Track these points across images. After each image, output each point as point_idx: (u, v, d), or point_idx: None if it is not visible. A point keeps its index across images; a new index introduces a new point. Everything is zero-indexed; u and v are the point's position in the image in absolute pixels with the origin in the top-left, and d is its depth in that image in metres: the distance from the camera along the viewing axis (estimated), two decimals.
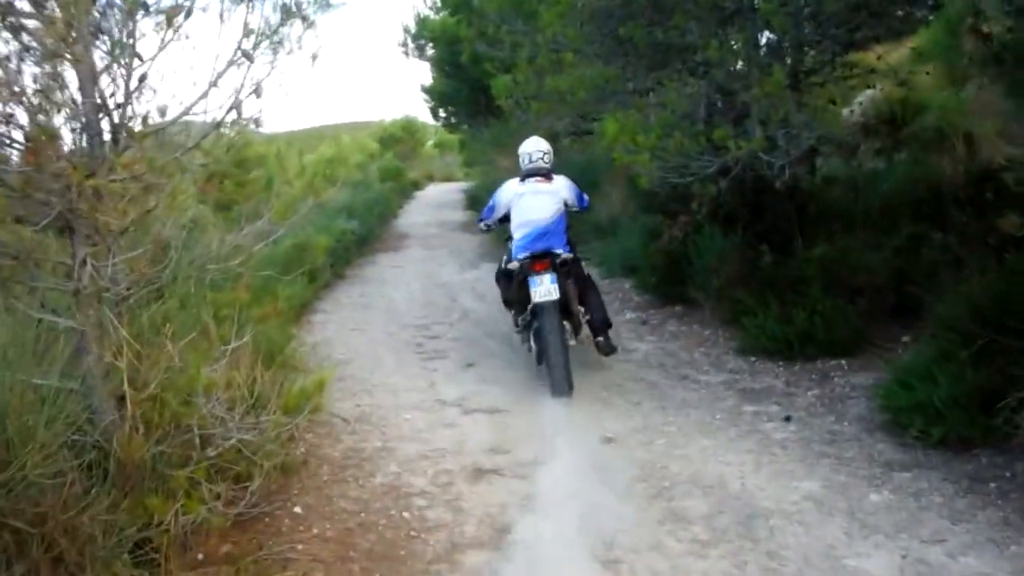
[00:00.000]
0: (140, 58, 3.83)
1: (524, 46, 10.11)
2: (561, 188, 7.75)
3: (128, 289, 3.91)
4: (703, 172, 7.50)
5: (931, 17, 8.51)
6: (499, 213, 8.02)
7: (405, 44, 26.41)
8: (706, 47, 7.57)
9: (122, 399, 3.85)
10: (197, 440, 4.07)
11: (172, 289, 4.70)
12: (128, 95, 3.80)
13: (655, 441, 5.87)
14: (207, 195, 5.09)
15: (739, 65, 7.81)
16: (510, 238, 7.84)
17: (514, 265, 7.38)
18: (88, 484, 3.68)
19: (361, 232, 16.59)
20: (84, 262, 3.74)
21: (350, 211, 17.60)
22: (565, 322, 7.24)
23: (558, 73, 9.25)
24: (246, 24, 4.08)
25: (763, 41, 8.08)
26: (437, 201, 25.91)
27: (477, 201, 18.86)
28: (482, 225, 8.43)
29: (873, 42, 8.69)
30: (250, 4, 4.10)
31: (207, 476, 4.06)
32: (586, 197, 8.18)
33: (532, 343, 7.40)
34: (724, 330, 8.36)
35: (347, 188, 23.40)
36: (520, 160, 8.08)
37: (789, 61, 7.90)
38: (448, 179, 36.80)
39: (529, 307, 7.22)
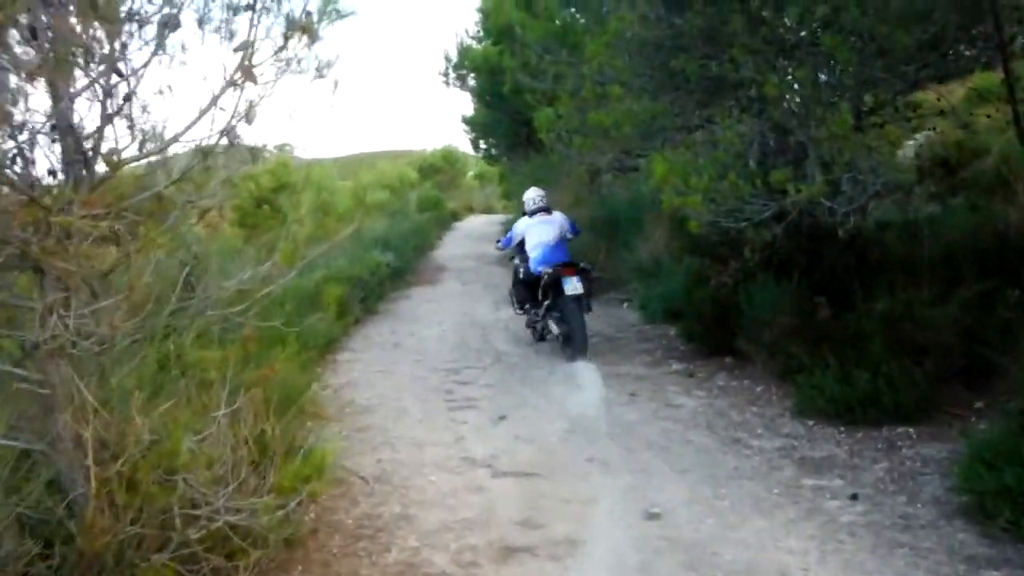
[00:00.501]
0: (119, 73, 3.32)
1: (568, 78, 9.61)
2: (559, 219, 10.50)
3: (100, 345, 3.37)
4: (758, 217, 6.97)
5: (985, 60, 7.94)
6: (516, 240, 10.72)
7: (446, 73, 26.00)
8: (764, 83, 7.05)
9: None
10: (177, 521, 3.52)
11: (153, 345, 4.14)
12: (104, 117, 3.30)
13: (705, 519, 5.24)
14: (213, 231, 4.56)
15: (796, 103, 7.22)
16: (514, 257, 11.08)
17: (546, 273, 9.66)
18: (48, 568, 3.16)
19: (396, 264, 16.20)
20: (50, 310, 3.22)
21: (386, 242, 17.26)
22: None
23: (603, 107, 8.76)
24: (248, 38, 3.57)
25: (823, 78, 7.52)
26: (475, 233, 25.49)
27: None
28: (499, 246, 11.98)
29: (934, 82, 8.11)
30: (255, 16, 3.59)
31: (190, 558, 3.52)
32: (577, 227, 10.91)
33: (554, 326, 9.79)
34: (778, 387, 7.74)
35: (383, 218, 23.14)
36: (525, 204, 10.82)
37: (848, 100, 7.34)
38: (487, 211, 36.58)
39: (547, 302, 9.86)
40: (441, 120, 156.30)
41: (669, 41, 7.46)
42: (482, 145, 28.66)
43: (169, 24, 3.35)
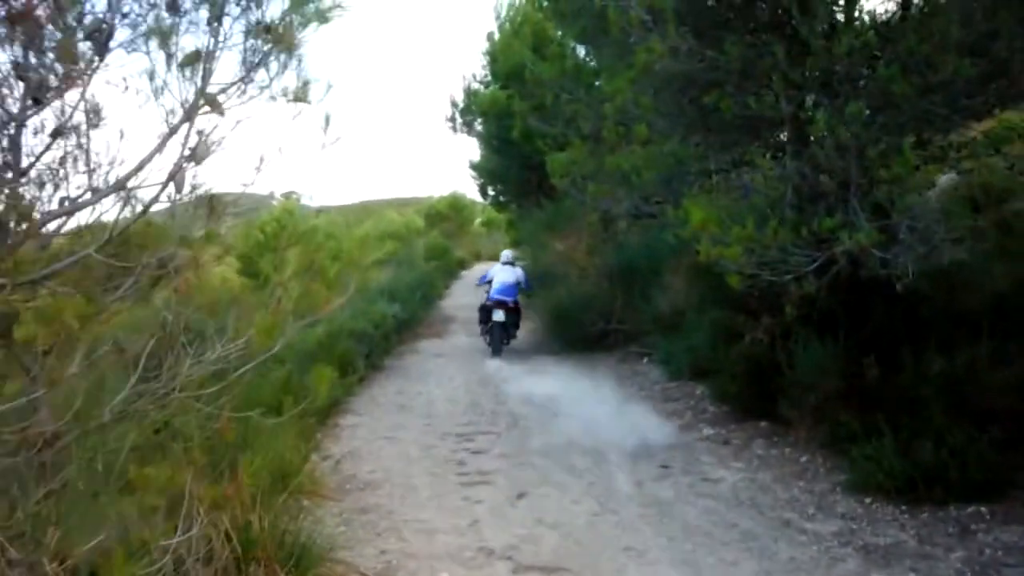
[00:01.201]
0: (38, 99, 2.59)
1: (585, 119, 8.93)
2: (518, 271, 14.80)
3: (11, 455, 2.60)
4: (803, 268, 6.26)
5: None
6: (488, 278, 14.90)
7: (453, 119, 25.34)
8: (811, 120, 6.36)
9: None
10: None
11: (86, 451, 3.35)
12: (17, 160, 2.57)
13: None
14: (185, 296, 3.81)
15: (843, 142, 6.50)
16: (485, 291, 14.87)
17: (492, 302, 14.04)
18: None
19: (403, 316, 15.55)
20: None
21: (392, 293, 16.67)
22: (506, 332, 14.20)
23: (622, 149, 8.13)
24: (207, 50, 2.85)
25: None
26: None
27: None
28: (478, 282, 15.99)
29: (972, 118, 7.41)
30: (218, 28, 2.88)
31: None
32: (531, 284, 15.30)
33: (488, 337, 14.11)
34: (825, 457, 6.97)
35: (390, 267, 22.57)
36: (501, 257, 15.34)
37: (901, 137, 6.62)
38: (495, 258, 36.02)
39: (489, 324, 14.03)
40: (448, 167, 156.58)
41: (702, 75, 6.77)
42: (490, 192, 27.95)
43: (99, 34, 2.64)
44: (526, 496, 6.62)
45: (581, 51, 15.94)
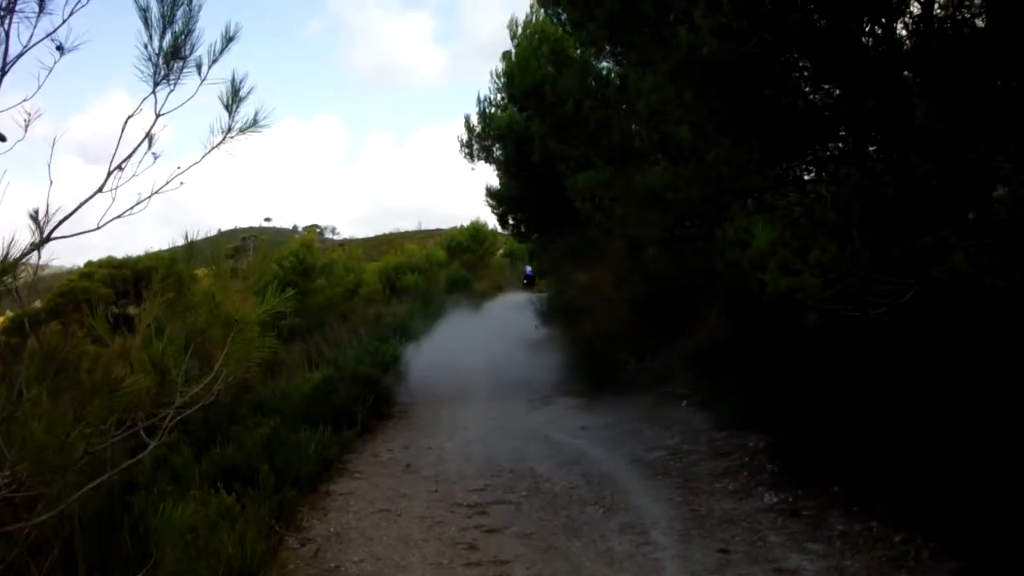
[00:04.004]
0: None
1: (613, 128, 7.59)
2: (532, 268, 31.24)
3: None
4: (895, 300, 4.90)
5: None
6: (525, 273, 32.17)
7: (469, 144, 23.88)
8: (896, 115, 5.00)
9: None
10: None
11: None
12: None
13: None
14: None
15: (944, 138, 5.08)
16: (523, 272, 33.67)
17: (525, 278, 32.62)
18: None
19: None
20: None
21: (405, 330, 15.59)
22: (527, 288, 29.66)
23: (658, 162, 6.88)
24: None
25: None
26: (504, 315, 23.54)
27: (549, 317, 18.03)
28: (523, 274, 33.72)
29: None
30: None
31: None
32: (535, 277, 31.66)
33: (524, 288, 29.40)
34: (927, 537, 5.42)
35: (406, 301, 21.60)
36: (527, 266, 33.19)
37: None
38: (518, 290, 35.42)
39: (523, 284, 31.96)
40: (471, 197, 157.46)
41: (759, 63, 5.32)
42: (510, 221, 26.54)
43: None
44: None
45: (604, 67, 14.74)
